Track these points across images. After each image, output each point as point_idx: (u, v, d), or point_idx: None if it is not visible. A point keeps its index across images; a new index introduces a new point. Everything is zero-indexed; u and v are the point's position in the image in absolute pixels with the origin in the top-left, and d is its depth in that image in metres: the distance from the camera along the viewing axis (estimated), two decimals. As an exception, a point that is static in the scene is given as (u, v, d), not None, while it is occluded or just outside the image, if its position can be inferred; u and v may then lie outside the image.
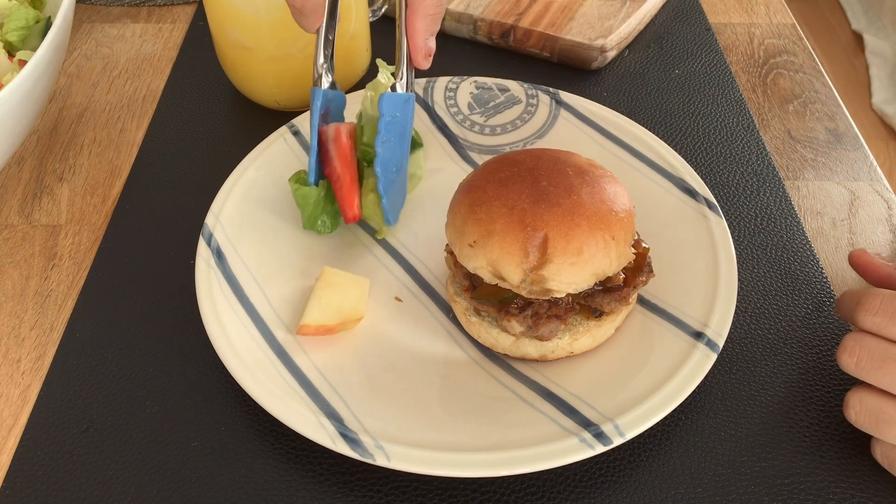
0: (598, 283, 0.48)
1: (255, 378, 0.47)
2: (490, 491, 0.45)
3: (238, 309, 0.51)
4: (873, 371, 0.43)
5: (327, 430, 0.44)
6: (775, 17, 0.83)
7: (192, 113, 0.70)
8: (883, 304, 0.43)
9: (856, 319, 0.45)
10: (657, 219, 0.57)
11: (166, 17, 0.82)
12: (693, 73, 0.75)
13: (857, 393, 0.44)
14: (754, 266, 0.58)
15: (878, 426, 0.43)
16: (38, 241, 0.60)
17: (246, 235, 0.56)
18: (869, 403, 0.44)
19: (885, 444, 0.44)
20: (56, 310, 0.55)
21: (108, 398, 0.49)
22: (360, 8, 0.67)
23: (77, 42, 0.79)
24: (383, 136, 0.52)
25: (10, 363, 0.52)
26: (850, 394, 0.45)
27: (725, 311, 0.50)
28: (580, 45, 0.73)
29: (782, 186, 0.64)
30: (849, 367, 0.44)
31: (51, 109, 0.71)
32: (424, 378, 0.49)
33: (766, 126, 0.70)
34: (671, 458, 0.47)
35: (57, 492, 0.45)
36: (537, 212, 0.46)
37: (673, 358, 0.48)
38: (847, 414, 0.45)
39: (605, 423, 0.45)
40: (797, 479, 0.46)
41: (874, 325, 0.44)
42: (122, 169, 0.65)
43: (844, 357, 0.44)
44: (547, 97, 0.67)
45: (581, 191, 0.47)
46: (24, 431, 0.48)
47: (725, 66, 0.76)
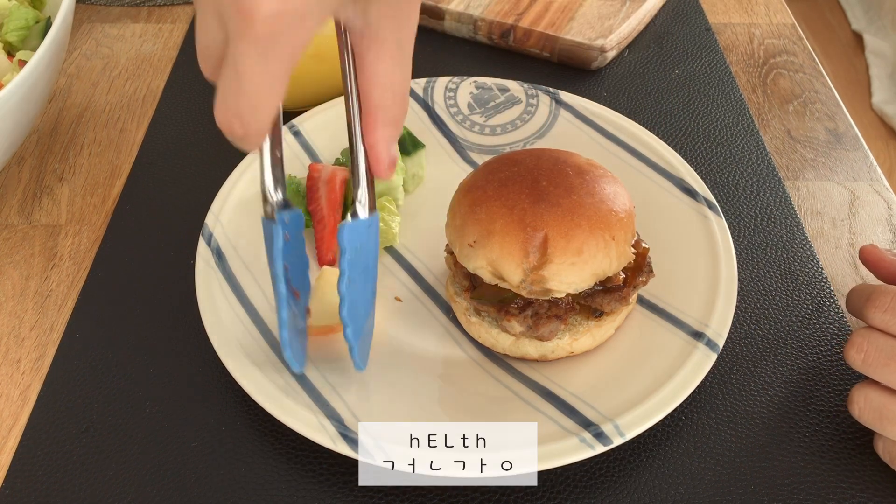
0: (598, 283, 0.48)
1: (255, 378, 0.47)
2: (490, 491, 0.45)
3: (238, 309, 0.51)
4: (880, 368, 0.43)
5: (327, 430, 0.44)
6: (775, 17, 0.83)
7: (192, 113, 0.70)
8: (893, 301, 0.44)
9: (865, 316, 0.45)
10: (657, 219, 0.57)
11: (166, 17, 0.82)
12: (693, 73, 0.75)
13: (861, 389, 0.45)
14: (754, 266, 0.58)
15: (882, 422, 0.44)
16: (38, 241, 0.60)
17: (246, 235, 0.56)
18: (873, 400, 0.44)
19: (887, 440, 0.45)
20: (56, 310, 0.55)
21: (108, 398, 0.49)
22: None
23: (77, 42, 0.79)
24: (347, 275, 0.41)
25: (10, 363, 0.52)
26: (854, 389, 0.45)
27: (725, 311, 0.50)
28: (580, 45, 0.73)
29: (782, 186, 0.64)
30: (856, 363, 0.44)
31: (51, 109, 0.71)
32: (424, 378, 0.49)
33: (766, 126, 0.70)
34: (671, 458, 0.47)
35: (57, 492, 0.45)
36: (537, 212, 0.46)
37: (673, 358, 0.48)
38: (851, 409, 0.45)
39: (605, 423, 0.45)
40: (797, 479, 0.46)
41: (883, 322, 0.44)
42: (122, 169, 0.65)
43: (852, 353, 0.44)
44: (547, 97, 0.67)
45: (581, 191, 0.47)
46: (24, 431, 0.48)
47: (725, 66, 0.76)
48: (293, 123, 0.64)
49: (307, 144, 0.63)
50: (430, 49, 0.78)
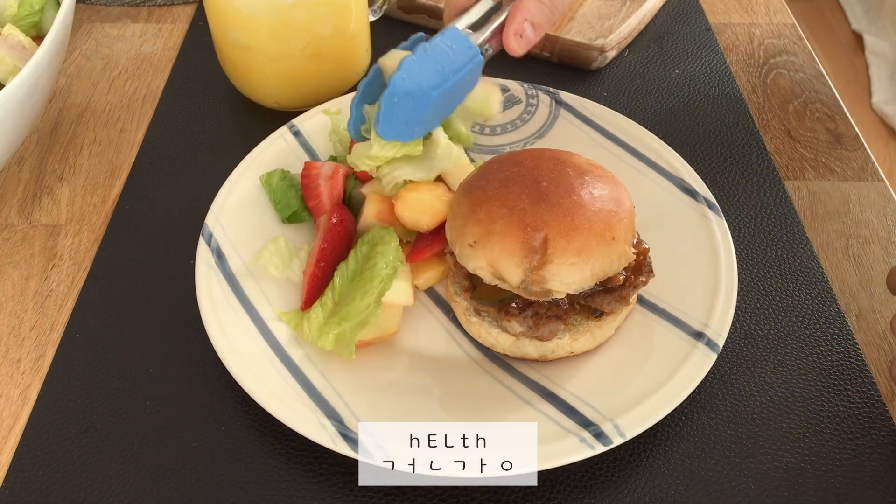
0: (598, 284, 0.48)
1: (255, 378, 0.47)
2: (490, 490, 0.45)
3: (238, 309, 0.51)
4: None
5: (327, 430, 0.44)
6: (775, 17, 0.83)
7: (192, 113, 0.70)
8: None
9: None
10: (657, 219, 0.57)
11: (166, 17, 0.82)
12: (693, 73, 0.75)
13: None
14: (754, 266, 0.58)
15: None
16: (38, 241, 0.60)
17: (246, 235, 0.56)
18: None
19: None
20: (56, 310, 0.55)
21: (108, 398, 0.49)
22: (360, 8, 0.67)
23: (77, 42, 0.79)
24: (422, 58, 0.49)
25: (10, 363, 0.52)
26: None
27: (725, 311, 0.50)
28: (580, 45, 0.73)
29: (782, 186, 0.64)
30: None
31: (51, 109, 0.71)
32: (424, 378, 0.49)
33: (766, 126, 0.70)
34: (671, 458, 0.47)
35: (57, 492, 0.45)
36: (537, 212, 0.46)
37: (673, 358, 0.48)
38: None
39: (605, 423, 0.45)
40: (797, 479, 0.46)
41: None
42: (122, 169, 0.65)
43: None
44: (547, 97, 0.67)
45: (581, 191, 0.47)
46: (24, 431, 0.48)
47: (725, 66, 0.76)
48: (293, 123, 0.64)
49: (307, 144, 0.63)
50: (430, 49, 0.78)
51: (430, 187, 0.53)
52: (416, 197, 0.53)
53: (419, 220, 0.53)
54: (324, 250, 0.52)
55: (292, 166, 0.60)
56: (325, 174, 0.57)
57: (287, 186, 0.58)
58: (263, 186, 0.58)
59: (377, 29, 0.73)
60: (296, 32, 0.63)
